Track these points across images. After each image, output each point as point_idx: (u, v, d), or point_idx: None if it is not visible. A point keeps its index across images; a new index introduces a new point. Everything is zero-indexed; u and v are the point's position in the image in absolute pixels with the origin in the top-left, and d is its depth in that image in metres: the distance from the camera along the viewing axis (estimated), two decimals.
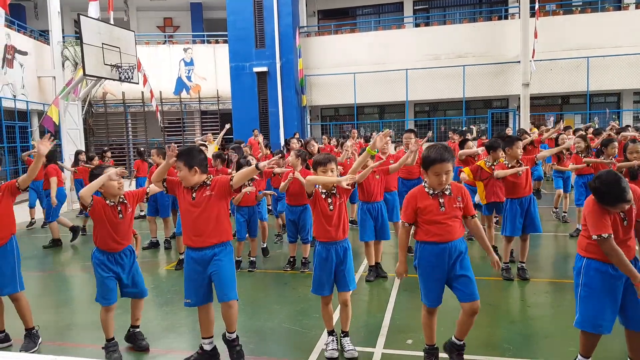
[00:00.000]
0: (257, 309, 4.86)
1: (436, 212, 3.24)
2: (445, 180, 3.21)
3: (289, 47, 18.62)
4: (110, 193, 3.76)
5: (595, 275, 3.06)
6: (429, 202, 3.26)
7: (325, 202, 3.67)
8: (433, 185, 3.27)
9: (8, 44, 16.52)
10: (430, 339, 3.49)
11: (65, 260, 7.44)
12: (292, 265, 6.20)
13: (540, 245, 7.03)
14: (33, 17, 22.43)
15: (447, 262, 3.26)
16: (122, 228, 3.81)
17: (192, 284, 3.62)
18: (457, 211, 3.27)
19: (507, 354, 3.71)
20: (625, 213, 3.03)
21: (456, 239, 3.26)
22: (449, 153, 3.20)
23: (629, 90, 18.18)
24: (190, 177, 3.53)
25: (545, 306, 4.75)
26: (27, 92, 17.68)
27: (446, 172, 3.19)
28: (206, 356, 3.69)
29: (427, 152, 3.27)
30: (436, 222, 3.25)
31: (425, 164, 3.25)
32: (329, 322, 3.80)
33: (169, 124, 21.32)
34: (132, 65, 13.08)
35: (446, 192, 3.27)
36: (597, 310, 3.05)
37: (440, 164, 3.17)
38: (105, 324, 3.83)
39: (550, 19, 18.16)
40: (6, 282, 3.95)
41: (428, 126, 20.09)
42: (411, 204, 3.31)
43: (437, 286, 3.32)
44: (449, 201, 3.26)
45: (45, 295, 5.65)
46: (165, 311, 4.90)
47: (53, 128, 12.62)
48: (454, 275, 3.27)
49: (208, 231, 3.54)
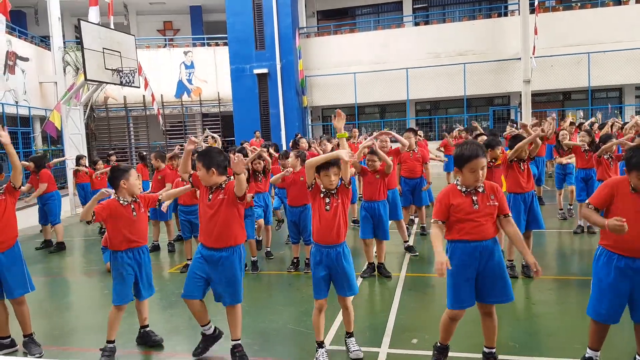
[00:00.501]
0: (261, 310, 4.86)
1: (469, 210, 3.18)
2: (481, 176, 3.16)
3: (289, 48, 18.64)
4: (131, 192, 3.91)
5: (603, 265, 3.10)
6: (462, 199, 3.20)
7: (323, 201, 3.62)
8: (468, 183, 3.20)
9: (9, 50, 16.57)
10: (445, 339, 3.44)
11: (66, 265, 7.45)
12: (295, 267, 6.19)
13: (544, 242, 7.01)
14: (34, 23, 22.50)
15: (480, 261, 3.20)
16: (137, 226, 3.91)
17: (193, 277, 3.70)
18: (490, 209, 3.20)
19: (512, 352, 3.70)
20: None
21: (489, 238, 3.20)
22: (481, 149, 3.17)
23: (631, 85, 18.13)
24: (207, 177, 3.62)
25: (550, 303, 4.73)
26: (29, 97, 17.74)
27: (482, 167, 3.14)
28: (210, 339, 3.88)
29: (461, 149, 3.21)
30: (469, 220, 3.18)
31: (460, 162, 3.19)
32: (318, 331, 3.66)
33: (170, 127, 21.37)
34: (133, 69, 13.10)
35: (479, 189, 3.21)
36: (599, 298, 3.12)
37: (475, 159, 3.12)
38: (112, 324, 3.89)
39: (550, 15, 18.14)
40: (18, 284, 4.01)
41: (429, 125, 20.08)
42: (444, 202, 3.24)
43: (468, 286, 3.24)
44: (483, 199, 3.20)
45: (46, 300, 5.66)
46: (169, 314, 4.91)
47: (55, 133, 12.66)
48: (487, 275, 3.21)
49: (218, 233, 3.62)
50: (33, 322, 4.19)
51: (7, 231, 3.96)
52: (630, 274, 3.00)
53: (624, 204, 3.02)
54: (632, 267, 3.00)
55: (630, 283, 3.02)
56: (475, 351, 3.51)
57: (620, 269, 3.02)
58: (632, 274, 3.00)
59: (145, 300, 4.11)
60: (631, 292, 3.03)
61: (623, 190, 3.05)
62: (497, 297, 3.25)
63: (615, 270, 3.03)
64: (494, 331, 3.37)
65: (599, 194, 3.15)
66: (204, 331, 3.89)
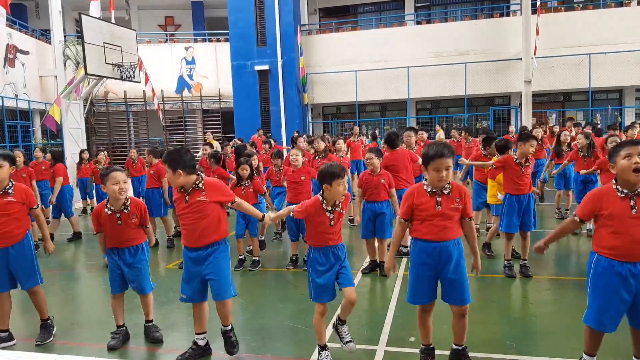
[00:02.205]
0: (260, 307, 4.87)
1: (432, 211, 3.21)
2: (445, 176, 3.16)
3: (291, 45, 18.63)
4: (113, 198, 3.88)
5: (604, 272, 3.01)
6: (426, 199, 3.23)
7: (327, 218, 3.46)
8: (433, 182, 3.23)
9: (10, 43, 16.55)
10: (425, 338, 3.46)
11: (70, 259, 7.46)
12: (294, 264, 6.20)
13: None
14: (34, 16, 22.47)
15: (439, 261, 3.22)
16: (123, 234, 3.93)
17: (188, 281, 3.69)
18: (454, 211, 3.22)
19: (509, 351, 3.71)
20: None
21: (450, 239, 3.22)
22: (448, 149, 3.16)
23: (631, 87, 18.14)
24: (174, 179, 3.55)
25: (547, 303, 4.74)
26: (29, 91, 17.72)
27: (446, 168, 3.15)
28: (199, 351, 3.76)
29: (427, 148, 3.25)
30: (430, 221, 3.22)
31: (425, 160, 3.22)
32: (321, 335, 3.57)
33: (170, 123, 21.36)
34: (133, 64, 13.10)
35: (445, 191, 3.23)
36: (602, 307, 3.02)
37: (439, 159, 3.13)
38: (113, 310, 4.09)
39: (551, 15, 18.13)
40: (27, 276, 4.07)
41: (430, 124, 20.08)
42: (408, 200, 3.29)
43: (426, 284, 3.28)
44: (447, 200, 3.21)
45: (49, 294, 5.66)
46: (167, 310, 4.91)
47: (55, 127, 12.67)
48: (445, 277, 3.24)
49: (202, 233, 3.58)
50: (34, 317, 4.26)
51: (16, 226, 3.98)
52: (632, 280, 2.93)
53: (616, 210, 2.95)
54: (634, 273, 2.92)
55: (632, 289, 2.94)
56: (469, 350, 3.51)
57: (622, 275, 2.94)
58: (634, 280, 2.93)
59: (144, 297, 4.11)
60: (633, 299, 2.96)
61: (610, 199, 2.98)
62: (452, 299, 3.27)
63: (617, 277, 2.94)
64: (463, 330, 3.37)
65: (583, 208, 3.12)
66: (197, 340, 3.77)
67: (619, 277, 2.94)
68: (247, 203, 3.95)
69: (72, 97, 13.19)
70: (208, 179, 3.68)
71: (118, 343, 3.97)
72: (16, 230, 3.98)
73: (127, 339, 4.11)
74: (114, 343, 3.95)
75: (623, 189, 2.95)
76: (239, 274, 5.97)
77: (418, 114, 20.75)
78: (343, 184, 3.40)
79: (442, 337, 3.74)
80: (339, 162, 4.02)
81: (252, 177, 6.20)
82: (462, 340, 3.40)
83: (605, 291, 2.99)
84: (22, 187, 4.07)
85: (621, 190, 2.95)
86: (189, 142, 21.29)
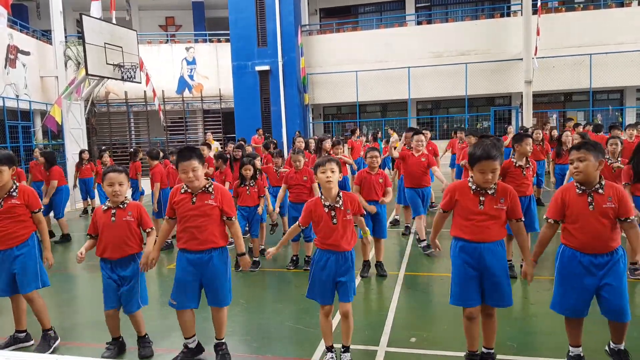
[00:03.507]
0: (260, 307, 4.87)
1: (473, 209, 3.18)
2: (490, 178, 3.13)
3: (291, 46, 18.62)
4: (112, 199, 3.78)
5: (569, 261, 3.21)
6: (469, 197, 3.21)
7: (329, 216, 3.44)
8: (478, 183, 3.20)
9: (10, 44, 16.55)
10: (471, 345, 3.38)
11: (69, 260, 7.46)
12: (295, 264, 6.20)
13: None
14: (35, 17, 22.47)
15: (479, 262, 3.19)
16: (115, 232, 3.70)
17: (181, 285, 3.59)
18: (497, 212, 3.17)
19: (510, 352, 3.71)
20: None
21: (492, 241, 3.18)
22: (496, 150, 3.13)
23: (632, 87, 18.13)
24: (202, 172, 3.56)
25: (548, 303, 4.70)
26: (30, 92, 17.72)
27: (492, 170, 3.11)
28: (190, 354, 3.72)
29: (474, 148, 3.19)
30: (471, 220, 3.18)
31: (471, 161, 3.18)
32: (327, 335, 3.55)
33: (171, 123, 21.36)
34: (134, 64, 13.10)
35: (489, 191, 3.19)
36: (568, 293, 3.21)
37: (486, 161, 3.10)
38: (108, 326, 3.87)
39: (552, 16, 18.11)
40: (28, 279, 3.96)
41: (431, 124, 20.07)
42: (451, 193, 3.30)
43: (470, 284, 3.21)
44: (490, 201, 3.17)
45: (48, 295, 5.65)
46: (168, 310, 4.89)
47: (56, 128, 12.66)
48: (487, 278, 3.21)
49: (207, 236, 3.53)
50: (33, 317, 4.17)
51: (22, 226, 3.93)
52: (594, 270, 3.12)
53: (575, 207, 3.16)
54: (595, 264, 3.11)
55: (595, 279, 3.12)
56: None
57: (584, 265, 3.13)
58: (595, 270, 3.11)
59: (135, 313, 3.85)
60: (597, 288, 3.13)
61: (570, 195, 3.19)
62: (494, 300, 3.26)
63: (580, 266, 3.14)
64: (493, 333, 3.38)
65: (551, 207, 3.30)
66: (187, 343, 3.73)
67: (581, 267, 3.14)
68: (239, 232, 3.73)
69: (73, 97, 13.19)
70: (218, 185, 3.67)
71: (112, 354, 3.84)
72: (21, 231, 3.93)
73: (123, 350, 3.95)
74: (108, 354, 3.82)
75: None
76: (239, 275, 5.96)
77: (419, 115, 20.74)
78: (325, 171, 3.43)
79: (442, 337, 3.74)
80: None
81: (256, 178, 6.23)
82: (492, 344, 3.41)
83: (569, 278, 3.21)
84: (26, 190, 3.99)
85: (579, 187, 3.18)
86: (190, 143, 21.29)
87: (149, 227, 3.86)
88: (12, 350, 4.04)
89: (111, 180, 3.71)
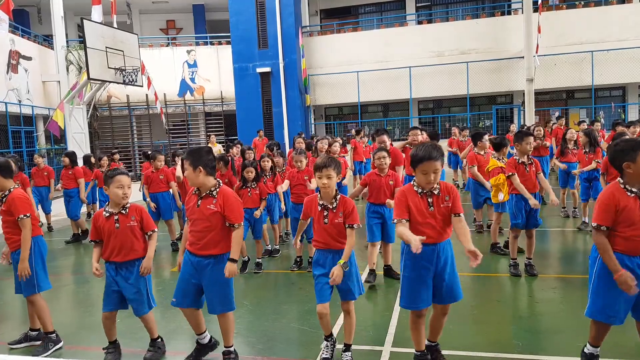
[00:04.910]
0: (265, 309, 4.87)
1: (425, 212, 3.18)
2: (433, 179, 3.14)
3: (292, 47, 18.64)
4: (115, 202, 3.73)
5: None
6: (417, 200, 3.19)
7: (321, 215, 3.52)
8: (421, 184, 3.20)
9: (12, 49, 16.62)
10: (418, 344, 3.40)
11: (72, 264, 7.47)
12: (299, 265, 6.20)
13: (547, 240, 7.00)
14: (37, 22, 22.56)
15: (436, 264, 3.19)
16: (121, 238, 3.68)
17: (182, 285, 3.60)
18: (446, 210, 3.19)
19: (515, 351, 3.69)
20: None
21: (444, 240, 3.20)
22: (437, 151, 3.13)
23: (634, 84, 18.08)
24: (194, 177, 3.49)
25: (553, 302, 4.72)
26: (32, 97, 17.79)
27: (434, 170, 3.12)
28: (204, 349, 3.78)
29: (416, 150, 3.20)
30: (425, 223, 3.17)
31: (414, 163, 3.18)
32: (325, 329, 3.62)
33: (173, 126, 21.40)
34: (135, 68, 13.14)
35: (435, 191, 3.19)
36: (610, 300, 3.03)
37: (428, 162, 3.10)
38: (104, 328, 3.82)
39: (553, 13, 18.08)
40: (25, 284, 3.99)
41: (432, 123, 20.06)
42: (403, 200, 3.21)
43: (424, 288, 3.22)
44: (437, 201, 3.19)
45: (55, 299, 5.67)
46: (172, 313, 4.90)
47: (58, 132, 12.72)
48: (442, 278, 3.21)
49: (207, 243, 3.51)
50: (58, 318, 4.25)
51: (17, 232, 3.95)
52: (638, 272, 2.94)
53: (631, 211, 2.94)
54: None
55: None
56: (476, 350, 3.50)
57: (630, 268, 2.93)
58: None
59: (145, 315, 3.83)
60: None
61: (622, 200, 2.97)
62: (451, 297, 3.27)
63: (628, 271, 2.92)
64: (442, 327, 3.43)
65: (601, 213, 3.03)
66: (199, 340, 3.77)
67: (628, 271, 2.92)
68: (239, 239, 3.59)
69: (75, 102, 13.25)
70: (225, 189, 3.57)
71: (116, 357, 3.82)
72: (15, 237, 3.96)
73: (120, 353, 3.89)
74: (110, 358, 3.78)
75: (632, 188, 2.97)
76: (243, 277, 5.97)
77: (420, 114, 20.73)
78: (322, 177, 3.47)
79: (447, 336, 3.73)
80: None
81: (258, 180, 6.22)
82: (437, 338, 3.45)
83: (613, 284, 2.96)
84: (13, 195, 3.92)
85: (630, 189, 2.97)
86: (192, 145, 21.31)
87: (151, 229, 3.83)
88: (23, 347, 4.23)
89: (121, 182, 3.67)
